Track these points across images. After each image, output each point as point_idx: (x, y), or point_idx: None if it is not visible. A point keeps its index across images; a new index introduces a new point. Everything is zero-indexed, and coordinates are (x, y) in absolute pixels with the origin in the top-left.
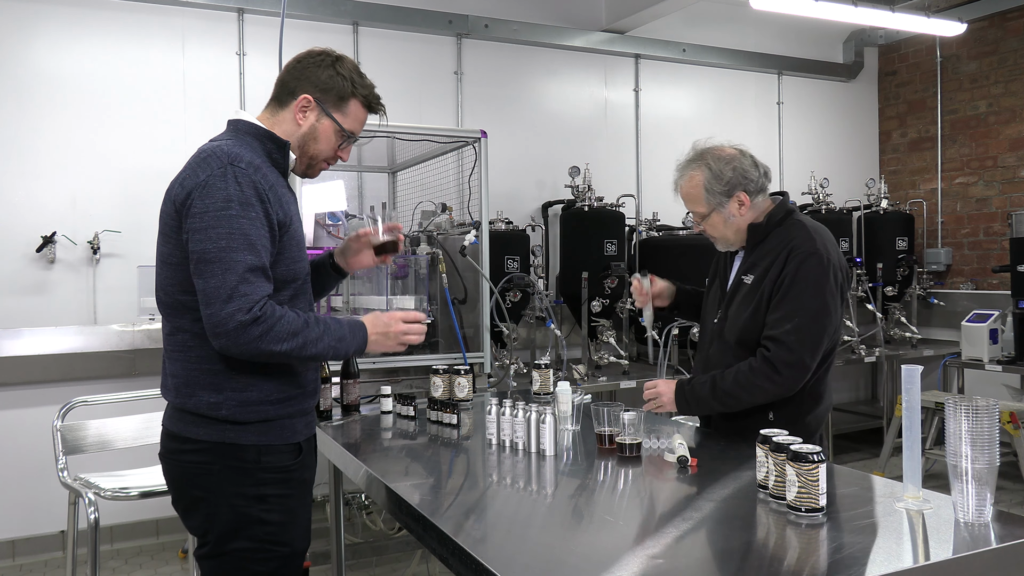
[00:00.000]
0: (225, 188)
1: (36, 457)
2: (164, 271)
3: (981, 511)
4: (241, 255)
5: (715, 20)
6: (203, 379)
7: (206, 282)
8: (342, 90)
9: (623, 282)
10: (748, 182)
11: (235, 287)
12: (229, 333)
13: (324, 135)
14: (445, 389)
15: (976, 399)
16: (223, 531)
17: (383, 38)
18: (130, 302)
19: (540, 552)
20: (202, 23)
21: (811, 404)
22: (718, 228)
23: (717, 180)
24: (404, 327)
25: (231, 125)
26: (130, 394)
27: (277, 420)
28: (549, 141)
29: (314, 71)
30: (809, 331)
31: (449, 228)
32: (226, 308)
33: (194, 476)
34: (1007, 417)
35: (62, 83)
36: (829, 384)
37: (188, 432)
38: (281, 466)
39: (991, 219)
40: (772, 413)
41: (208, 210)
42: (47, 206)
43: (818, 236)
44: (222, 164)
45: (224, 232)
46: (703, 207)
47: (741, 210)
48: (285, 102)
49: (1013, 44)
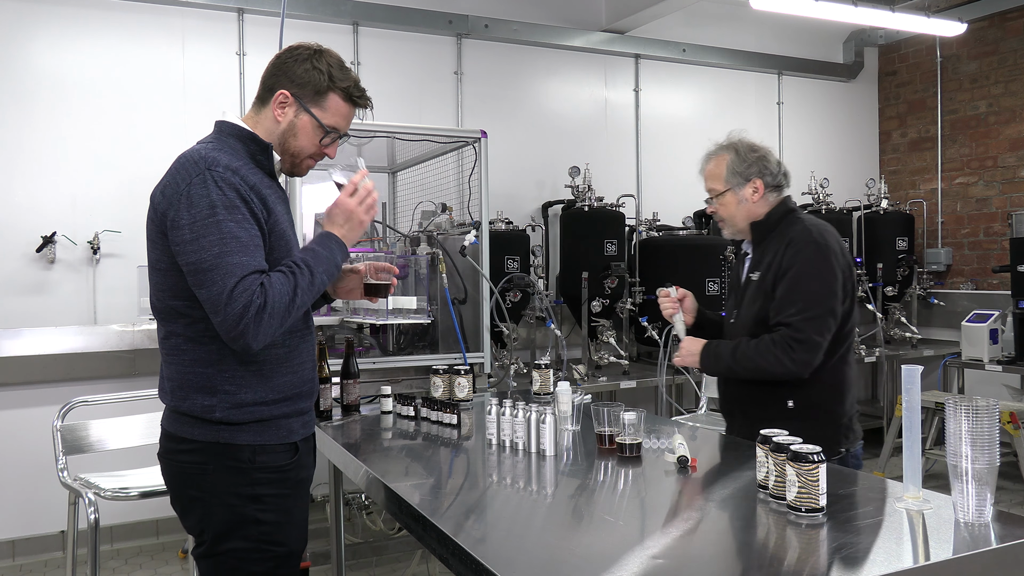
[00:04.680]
0: (207, 195)
1: (36, 457)
2: (154, 277)
3: (981, 511)
4: (236, 258)
5: (715, 20)
6: (196, 382)
7: (208, 291)
8: (318, 84)
9: (623, 282)
10: (767, 173)
11: (232, 289)
12: (243, 334)
13: (303, 131)
14: (445, 389)
15: (976, 399)
16: (219, 531)
17: (383, 38)
18: (130, 302)
19: (540, 552)
20: (202, 23)
21: (831, 394)
22: (729, 208)
23: (741, 162)
24: (355, 202)
25: (216, 127)
26: (130, 394)
27: (272, 420)
28: (549, 141)
29: (291, 66)
30: (814, 312)
31: (449, 228)
32: (230, 310)
33: (190, 476)
34: (1007, 417)
35: (62, 83)
36: (851, 378)
37: (183, 432)
38: (276, 466)
39: (991, 219)
40: (792, 401)
41: (195, 220)
42: (47, 206)
43: (815, 228)
44: (200, 171)
45: (216, 239)
46: (721, 185)
47: (754, 196)
48: (266, 100)
49: (1013, 44)
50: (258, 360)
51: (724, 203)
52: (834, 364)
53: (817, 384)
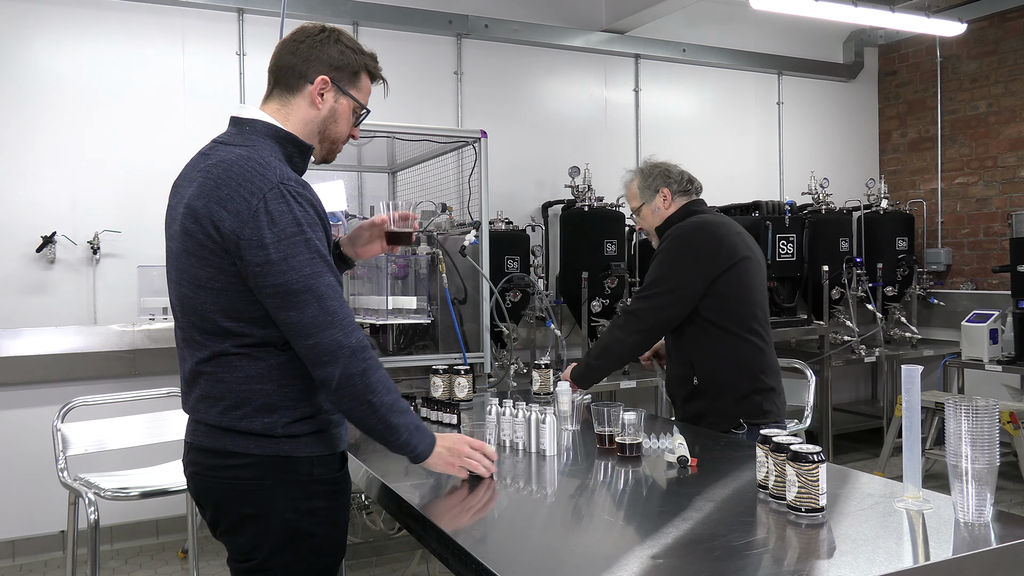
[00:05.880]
0: (290, 211)
1: (36, 457)
2: (201, 295)
3: (981, 511)
4: (328, 279)
5: (715, 20)
6: (255, 400)
7: (301, 313)
8: (354, 64)
9: (623, 282)
10: (670, 181)
11: (334, 312)
12: (340, 360)
13: (343, 115)
14: (445, 389)
15: (976, 399)
16: (273, 547)
17: (383, 38)
18: (130, 302)
19: (540, 552)
20: (202, 23)
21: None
22: (648, 219)
23: (646, 177)
24: (469, 451)
25: (241, 125)
26: (130, 394)
27: (326, 431)
28: (549, 141)
29: (323, 49)
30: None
31: (449, 228)
32: (329, 335)
33: (244, 492)
34: (1007, 417)
35: (62, 83)
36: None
37: (237, 447)
38: (330, 477)
39: (991, 219)
40: (696, 379)
41: (281, 238)
42: (47, 206)
43: (689, 224)
44: (272, 184)
45: (306, 259)
46: (637, 200)
47: (665, 204)
48: (297, 87)
49: (1013, 44)
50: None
51: (643, 216)
52: (730, 340)
53: (715, 360)
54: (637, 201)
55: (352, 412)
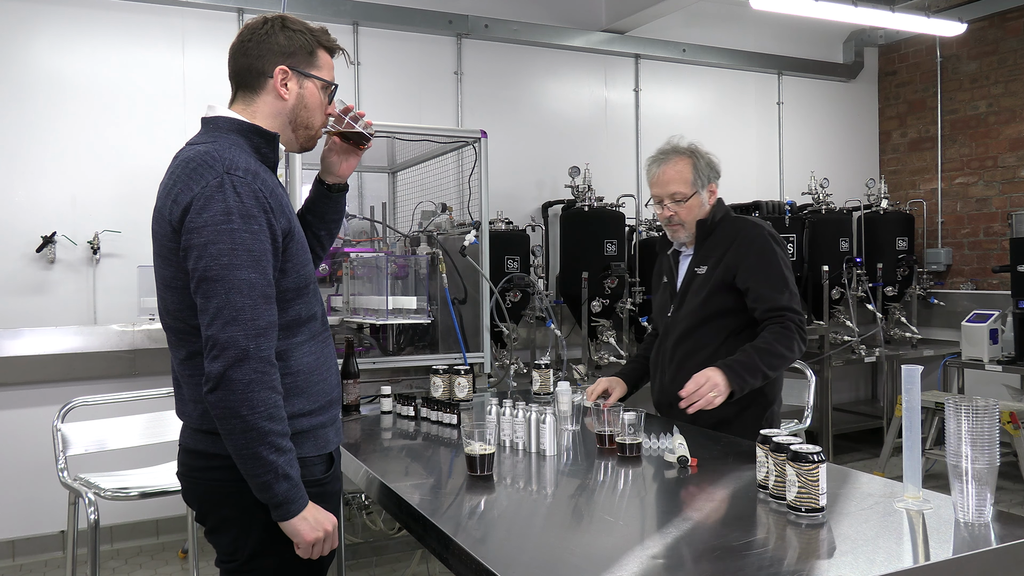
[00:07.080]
0: (224, 200)
1: (36, 457)
2: (169, 295)
3: (981, 511)
4: (245, 272)
5: (715, 20)
6: None
7: (207, 301)
8: (307, 45)
9: (623, 282)
10: (717, 177)
11: (241, 309)
12: (227, 358)
13: (312, 98)
14: (445, 389)
15: (976, 399)
16: (255, 550)
17: (383, 38)
18: (130, 302)
19: (540, 552)
20: (202, 23)
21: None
22: (693, 211)
23: (706, 166)
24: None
25: (208, 124)
26: (130, 394)
27: (311, 431)
28: (549, 141)
29: (271, 41)
30: (796, 296)
31: (449, 228)
32: (228, 330)
33: (224, 495)
34: (1007, 417)
35: (62, 83)
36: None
37: (216, 448)
38: (315, 480)
39: (991, 219)
40: None
41: (207, 224)
42: (47, 206)
43: (756, 223)
44: (218, 174)
45: (226, 248)
46: (688, 188)
47: (710, 199)
48: (258, 85)
49: (1013, 44)
50: (292, 371)
51: (689, 207)
52: None
53: None
54: (689, 188)
55: (224, 423)
